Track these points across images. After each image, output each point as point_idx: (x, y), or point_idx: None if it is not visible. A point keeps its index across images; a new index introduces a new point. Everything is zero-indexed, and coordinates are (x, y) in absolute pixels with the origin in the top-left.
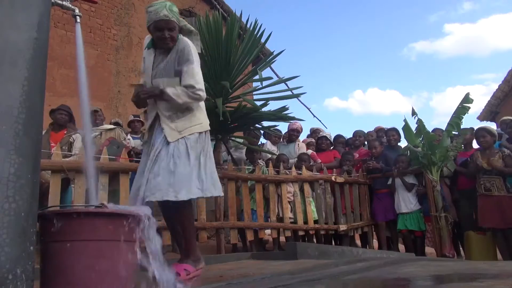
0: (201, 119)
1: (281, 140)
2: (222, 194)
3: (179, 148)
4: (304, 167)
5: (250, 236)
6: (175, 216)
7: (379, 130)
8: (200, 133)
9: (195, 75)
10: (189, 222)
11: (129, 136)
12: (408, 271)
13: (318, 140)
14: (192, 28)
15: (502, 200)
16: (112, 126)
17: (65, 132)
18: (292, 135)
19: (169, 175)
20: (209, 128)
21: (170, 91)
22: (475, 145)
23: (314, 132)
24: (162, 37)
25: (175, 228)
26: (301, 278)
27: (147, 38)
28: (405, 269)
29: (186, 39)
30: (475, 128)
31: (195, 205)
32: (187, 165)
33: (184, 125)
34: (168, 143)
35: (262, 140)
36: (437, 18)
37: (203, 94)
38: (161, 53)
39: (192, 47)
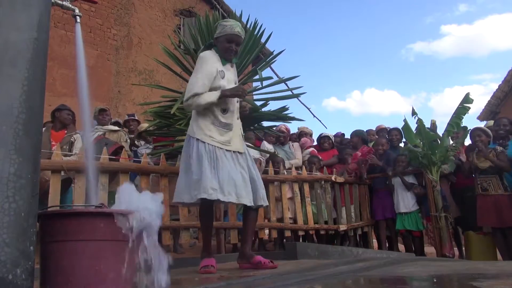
0: None
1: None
2: None
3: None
4: (304, 167)
5: None
6: (253, 218)
7: (380, 130)
8: None
9: None
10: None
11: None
12: (408, 271)
13: (320, 140)
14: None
15: (499, 199)
16: (116, 128)
17: (66, 131)
18: (280, 137)
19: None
20: None
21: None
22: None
23: (299, 134)
24: (230, 49)
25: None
26: (301, 278)
27: (208, 53)
28: (405, 269)
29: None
30: (470, 129)
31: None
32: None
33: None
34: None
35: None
36: (433, 20)
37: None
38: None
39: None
